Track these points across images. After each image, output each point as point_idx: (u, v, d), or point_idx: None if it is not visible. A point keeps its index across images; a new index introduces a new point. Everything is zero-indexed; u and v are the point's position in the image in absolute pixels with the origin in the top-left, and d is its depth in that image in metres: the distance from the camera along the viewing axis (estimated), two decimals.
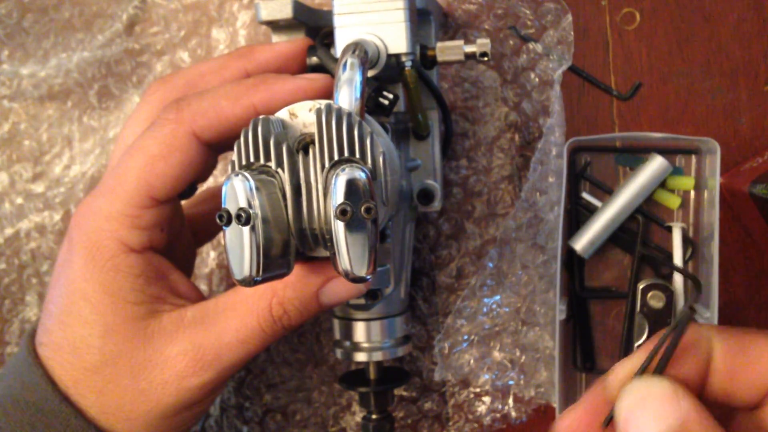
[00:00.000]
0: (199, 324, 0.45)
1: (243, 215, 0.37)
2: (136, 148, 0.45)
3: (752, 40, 0.59)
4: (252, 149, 0.40)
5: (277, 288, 0.45)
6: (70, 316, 0.45)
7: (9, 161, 0.69)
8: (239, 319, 0.45)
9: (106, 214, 0.45)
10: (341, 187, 0.37)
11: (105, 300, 0.45)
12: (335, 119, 0.39)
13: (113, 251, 0.45)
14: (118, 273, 0.45)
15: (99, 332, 0.45)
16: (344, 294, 0.45)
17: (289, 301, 0.45)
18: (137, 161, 0.45)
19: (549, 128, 0.57)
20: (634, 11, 0.60)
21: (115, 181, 0.45)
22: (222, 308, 0.46)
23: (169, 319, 0.45)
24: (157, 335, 0.45)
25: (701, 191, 0.59)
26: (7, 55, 0.68)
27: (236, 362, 0.46)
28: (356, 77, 0.41)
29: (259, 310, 0.45)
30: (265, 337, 0.45)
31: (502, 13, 0.61)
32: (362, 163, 0.38)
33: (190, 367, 0.45)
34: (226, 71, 0.50)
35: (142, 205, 0.45)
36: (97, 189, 0.47)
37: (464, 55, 0.50)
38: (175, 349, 0.45)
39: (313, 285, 0.44)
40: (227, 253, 0.39)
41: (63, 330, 0.46)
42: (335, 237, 0.37)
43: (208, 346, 0.45)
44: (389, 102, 0.46)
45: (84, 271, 0.45)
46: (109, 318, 0.45)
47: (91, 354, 0.45)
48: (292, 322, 0.46)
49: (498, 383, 0.61)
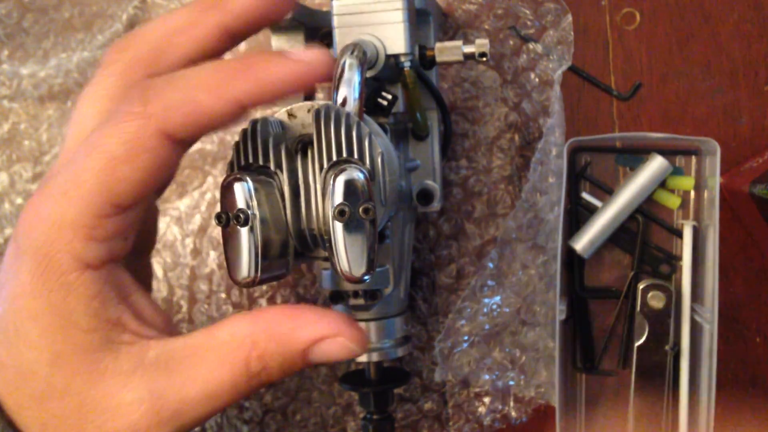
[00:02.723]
0: (161, 368, 0.38)
1: (241, 216, 0.37)
2: (94, 146, 0.37)
3: (752, 40, 0.59)
4: (251, 150, 0.40)
5: (259, 339, 0.38)
6: (17, 336, 0.38)
7: (9, 161, 0.69)
8: (209, 369, 0.38)
9: (57, 221, 0.37)
10: (339, 188, 0.37)
11: (55, 323, 0.37)
12: (333, 120, 0.39)
13: (65, 267, 0.37)
14: (70, 293, 0.37)
15: (47, 360, 0.37)
16: (338, 355, 0.39)
17: (271, 356, 0.38)
18: (95, 162, 0.37)
19: (549, 128, 0.57)
20: (634, 11, 0.60)
21: (69, 182, 0.37)
22: (191, 353, 0.38)
23: (127, 356, 0.38)
24: (111, 374, 0.38)
25: (701, 191, 0.59)
26: (7, 55, 0.68)
27: (200, 419, 0.39)
28: (354, 78, 0.41)
29: (234, 362, 0.38)
30: (237, 393, 0.38)
31: (502, 13, 0.61)
32: (360, 163, 0.38)
33: (145, 420, 0.37)
34: (199, 29, 0.41)
35: (101, 213, 0.37)
36: (46, 187, 0.38)
37: (463, 55, 0.50)
38: (129, 395, 0.37)
39: (303, 342, 0.38)
40: (226, 254, 0.39)
41: (8, 349, 0.38)
42: (333, 238, 0.37)
43: (168, 398, 0.38)
44: (388, 102, 0.46)
45: (32, 287, 0.37)
46: (58, 345, 0.37)
47: (37, 382, 0.38)
48: (272, 378, 0.39)
49: (498, 383, 0.61)
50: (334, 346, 0.38)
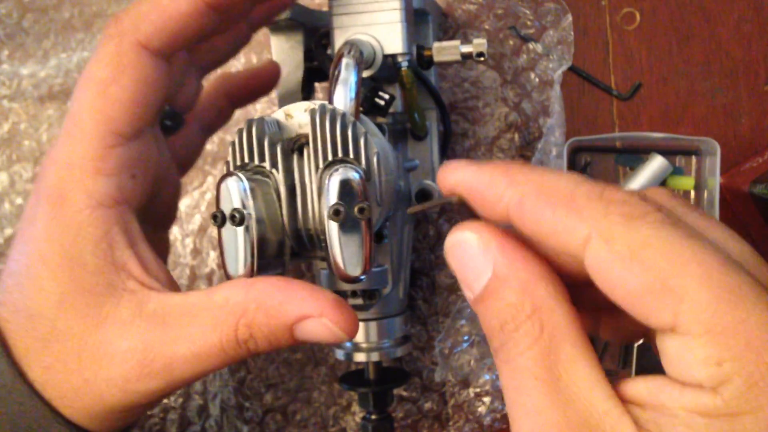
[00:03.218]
0: (158, 322, 0.39)
1: (237, 216, 0.37)
2: (84, 78, 0.39)
3: (752, 40, 0.59)
4: (246, 149, 0.40)
5: (249, 307, 0.38)
6: (28, 279, 0.40)
7: (9, 161, 0.69)
8: (200, 329, 0.38)
9: (67, 161, 0.39)
10: (334, 188, 0.37)
11: (63, 264, 0.39)
12: (329, 120, 0.39)
13: (78, 205, 0.39)
14: (80, 233, 0.39)
15: (54, 302, 0.39)
16: (323, 336, 0.38)
17: (258, 326, 0.38)
18: (88, 93, 0.39)
19: (549, 128, 0.57)
20: (634, 11, 0.60)
21: (71, 121, 0.39)
22: (186, 311, 0.39)
23: (127, 304, 0.39)
24: (111, 321, 0.39)
25: (701, 191, 0.59)
26: (7, 55, 0.68)
27: (188, 377, 0.39)
28: (351, 77, 0.41)
29: (223, 327, 0.38)
30: (224, 357, 0.39)
31: (502, 13, 0.61)
32: (356, 163, 0.38)
33: (136, 370, 0.38)
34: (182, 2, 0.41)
35: (105, 143, 0.39)
36: (58, 137, 0.40)
37: (461, 55, 0.50)
38: (125, 344, 0.38)
39: (290, 317, 0.38)
40: (222, 253, 0.39)
41: (21, 293, 0.40)
42: (329, 237, 0.37)
43: (158, 351, 0.38)
44: (385, 102, 0.46)
45: (46, 230, 0.39)
46: (65, 286, 0.39)
47: (43, 324, 0.39)
48: (259, 349, 0.39)
49: (498, 383, 0.61)
50: (319, 327, 0.38)
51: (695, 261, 0.27)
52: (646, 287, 0.28)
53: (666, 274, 0.27)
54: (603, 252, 0.29)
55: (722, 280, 0.27)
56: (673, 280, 0.27)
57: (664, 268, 0.27)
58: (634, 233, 0.28)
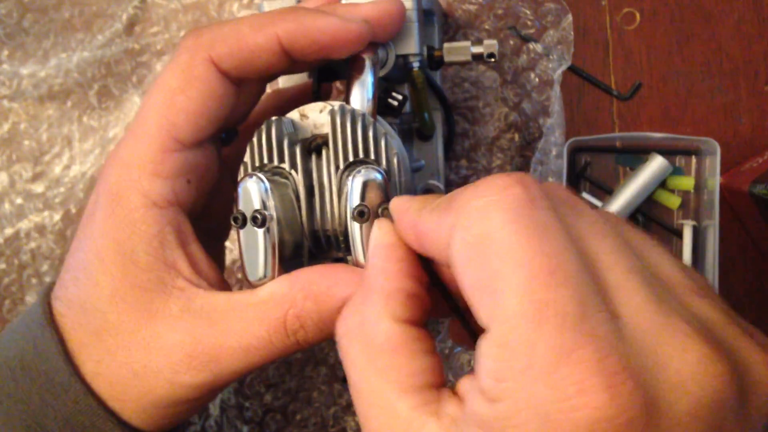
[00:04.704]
0: (204, 317, 0.40)
1: (259, 217, 0.38)
2: (156, 84, 0.42)
3: (752, 40, 0.59)
4: (265, 150, 0.40)
5: (296, 297, 0.39)
6: (84, 273, 0.41)
7: (9, 161, 0.69)
8: (247, 323, 0.39)
9: (127, 161, 0.41)
10: (357, 189, 0.37)
11: (117, 261, 0.40)
12: (350, 121, 0.39)
13: (134, 204, 0.40)
14: (134, 231, 0.40)
15: (107, 296, 0.40)
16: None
17: (308, 314, 0.39)
18: (157, 98, 0.41)
19: (549, 128, 0.57)
20: (634, 11, 0.60)
21: (136, 123, 0.42)
22: (232, 307, 0.40)
23: (176, 301, 0.40)
24: (161, 316, 0.40)
25: (701, 191, 0.59)
26: (7, 55, 0.68)
27: (236, 370, 0.40)
28: (368, 78, 0.41)
29: (271, 320, 0.39)
30: (273, 350, 0.40)
31: (502, 14, 0.61)
32: (376, 164, 0.39)
33: (185, 362, 0.40)
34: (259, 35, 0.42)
35: (165, 148, 0.41)
36: (122, 138, 0.43)
37: (471, 55, 0.49)
38: (174, 337, 0.40)
39: (338, 300, 0.38)
40: (242, 254, 0.39)
41: (77, 287, 0.42)
42: (352, 238, 0.38)
43: (206, 343, 0.39)
44: (398, 103, 0.46)
45: (102, 228, 0.41)
46: (117, 282, 0.40)
47: (97, 318, 0.41)
48: (309, 339, 0.40)
49: None
50: None
51: (524, 265, 0.28)
52: (479, 283, 0.29)
53: (495, 275, 0.28)
54: (458, 240, 0.30)
55: (537, 293, 0.27)
56: (498, 282, 0.28)
57: (497, 268, 0.28)
58: (486, 222, 0.29)
